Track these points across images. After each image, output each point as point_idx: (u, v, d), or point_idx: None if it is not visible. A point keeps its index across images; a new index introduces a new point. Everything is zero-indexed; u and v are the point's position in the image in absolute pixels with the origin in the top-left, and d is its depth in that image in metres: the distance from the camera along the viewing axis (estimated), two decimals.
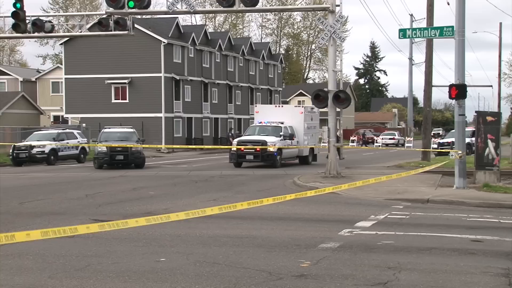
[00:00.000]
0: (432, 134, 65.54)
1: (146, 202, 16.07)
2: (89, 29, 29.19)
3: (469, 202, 15.88)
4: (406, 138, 62.44)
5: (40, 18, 26.33)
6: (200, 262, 8.70)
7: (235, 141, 30.93)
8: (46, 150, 33.66)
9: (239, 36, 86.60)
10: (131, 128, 32.84)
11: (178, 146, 41.66)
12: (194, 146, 45.81)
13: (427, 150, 30.62)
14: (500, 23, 57.61)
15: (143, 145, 30.90)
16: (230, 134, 35.97)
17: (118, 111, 52.63)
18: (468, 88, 18.93)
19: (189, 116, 56.26)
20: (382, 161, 35.41)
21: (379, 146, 59.67)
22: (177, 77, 53.77)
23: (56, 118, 60.36)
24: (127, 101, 53.30)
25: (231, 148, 30.72)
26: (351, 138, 61.53)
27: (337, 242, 10.18)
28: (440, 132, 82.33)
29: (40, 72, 65.33)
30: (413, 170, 17.23)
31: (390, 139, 65.20)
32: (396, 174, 15.40)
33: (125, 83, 52.98)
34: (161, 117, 52.56)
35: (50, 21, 26.34)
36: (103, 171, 28.31)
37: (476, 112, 21.08)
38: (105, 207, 14.86)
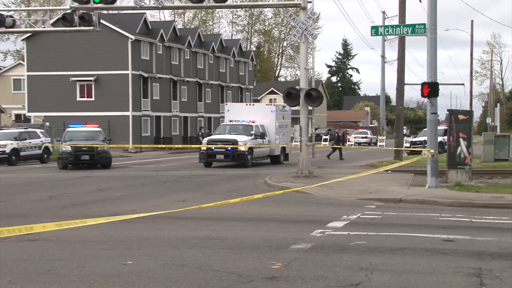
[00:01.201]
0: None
1: (113, 203, 15.92)
2: (53, 25, 28.81)
3: (441, 201, 16.09)
4: (379, 137, 63.02)
5: (1, 12, 25.85)
6: (169, 265, 8.65)
7: (205, 140, 30.84)
8: (7, 150, 33.07)
9: (209, 33, 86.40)
10: (97, 127, 32.47)
11: (146, 146, 41.37)
12: (162, 146, 45.54)
13: (399, 149, 30.94)
14: (472, 21, 58.39)
15: (110, 145, 30.59)
16: (200, 133, 35.81)
17: (83, 109, 52.03)
18: (440, 86, 19.19)
19: (158, 114, 55.92)
20: (354, 160, 35.67)
21: (352, 145, 60.14)
22: (145, 75, 53.39)
23: (18, 116, 59.36)
24: (92, 99, 52.73)
25: (200, 148, 30.62)
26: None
27: (309, 243, 10.22)
28: (404, 131, 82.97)
29: (0, 69, 64.19)
30: (375, 169, 17.37)
31: (362, 137, 65.73)
32: (365, 172, 15.53)
33: (90, 80, 52.41)
34: (129, 115, 52.12)
35: (11, 16, 25.89)
36: (68, 171, 27.97)
37: (448, 110, 21.38)
38: (69, 209, 14.67)
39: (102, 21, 44.69)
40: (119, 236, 10.91)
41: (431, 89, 18.55)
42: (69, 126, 32.57)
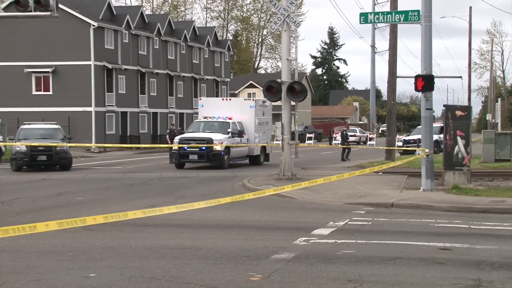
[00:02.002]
0: (380, 131, 66.62)
1: (73, 209, 15.81)
2: (5, 9, 28.41)
3: (437, 206, 16.23)
4: (369, 135, 63.37)
5: None
6: (136, 277, 8.61)
7: (176, 138, 30.74)
8: None
9: (181, 20, 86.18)
10: (56, 124, 32.21)
11: (110, 145, 41.13)
12: (129, 145, 45.30)
13: (391, 148, 31.15)
14: (470, 7, 59.20)
15: (70, 144, 30.37)
16: (168, 131, 35.55)
17: (40, 104, 51.55)
18: (435, 80, 19.34)
19: (124, 110, 55.63)
20: (342, 161, 35.83)
21: (338, 144, 60.34)
22: (110, 66, 53.07)
23: None
24: (50, 93, 52.28)
25: (171, 147, 30.53)
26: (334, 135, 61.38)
27: (292, 252, 10.24)
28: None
29: None
30: (365, 171, 17.46)
31: (351, 136, 65.91)
32: (354, 174, 15.62)
33: (48, 72, 51.94)
34: (91, 111, 51.78)
35: None
36: (22, 173, 27.70)
37: (444, 106, 21.57)
38: (24, 216, 14.53)
39: (60, 5, 44.17)
40: (80, 246, 10.83)
41: (425, 82, 18.69)
42: (24, 123, 32.26)
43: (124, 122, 56.03)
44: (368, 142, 60.22)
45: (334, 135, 62.22)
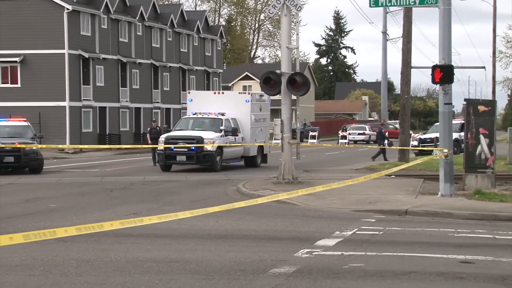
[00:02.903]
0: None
1: (45, 217, 15.79)
2: None
3: (457, 213, 16.25)
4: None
5: None
6: None
7: (162, 137, 30.74)
8: None
9: (166, 3, 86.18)
10: (25, 121, 32.16)
11: (87, 146, 41.07)
12: (108, 146, 45.26)
13: (405, 148, 31.21)
14: None
15: (41, 144, 30.34)
16: (149, 130, 35.35)
17: (6, 98, 51.46)
18: (455, 70, 19.39)
19: (102, 105, 55.60)
20: (349, 162, 35.88)
21: (346, 143, 60.50)
22: (86, 55, 53.03)
23: None
24: (18, 85, 52.19)
25: (157, 147, 30.51)
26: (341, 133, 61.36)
27: (293, 265, 10.25)
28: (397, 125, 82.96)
29: None
30: (375, 173, 17.51)
31: (359, 134, 66.22)
32: (363, 177, 15.63)
33: (15, 61, 51.86)
34: (65, 106, 51.71)
35: None
36: None
37: (465, 100, 21.60)
38: None
39: None
40: (53, 259, 10.82)
41: (444, 73, 18.72)
42: None
43: (103, 119, 55.98)
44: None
45: (345, 133, 62.24)
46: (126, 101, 58.73)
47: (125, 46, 58.68)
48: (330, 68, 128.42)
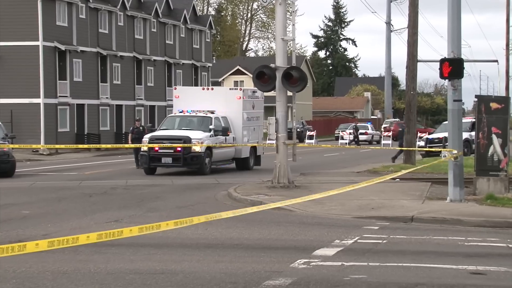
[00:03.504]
0: (383, 128, 66.53)
1: (18, 225, 15.73)
2: None
3: (467, 220, 16.28)
4: (383, 132, 63.59)
5: None
6: None
7: (146, 137, 30.71)
8: None
9: None
10: None
11: (64, 147, 40.96)
12: (87, 146, 45.19)
13: (411, 149, 31.26)
14: None
15: (13, 145, 30.25)
16: (131, 129, 35.24)
17: None
18: (466, 64, 19.41)
19: (80, 102, 55.51)
20: (350, 165, 35.92)
21: (346, 143, 60.56)
22: (62, 47, 52.93)
23: None
24: None
25: (138, 148, 30.45)
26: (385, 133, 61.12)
27: (289, 277, 10.25)
28: (399, 123, 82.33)
29: None
30: (379, 177, 17.56)
31: (361, 134, 66.24)
32: (365, 182, 15.66)
33: None
34: (40, 103, 51.62)
35: None
36: None
37: (476, 96, 21.66)
38: None
39: None
40: (27, 271, 10.79)
41: (453, 67, 18.75)
42: None
43: (81, 117, 55.87)
44: (383, 141, 60.35)
45: (352, 132, 62.31)
46: (107, 97, 58.63)
47: (105, 38, 58.58)
48: (329, 61, 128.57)
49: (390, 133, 59.00)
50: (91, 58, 56.93)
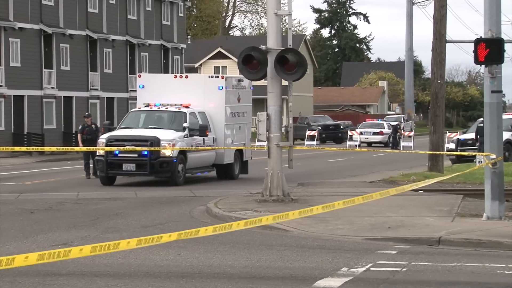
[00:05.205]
0: (396, 125, 66.66)
1: None
2: None
3: (508, 243, 16.31)
4: (402, 132, 63.71)
5: None
6: None
7: (103, 138, 30.65)
8: None
9: None
10: None
11: None
12: (25, 149, 45.04)
13: (437, 153, 31.32)
14: None
15: None
16: (81, 128, 34.96)
17: None
18: (507, 45, 19.44)
19: (19, 93, 55.36)
20: (362, 172, 35.91)
21: (356, 146, 60.67)
22: None
23: None
24: None
25: (91, 152, 30.39)
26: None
27: None
28: (403, 119, 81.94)
29: None
30: (396, 188, 17.63)
31: (374, 134, 66.36)
32: (378, 193, 15.70)
33: None
34: None
35: None
36: None
37: None
38: None
39: None
40: None
41: (491, 49, 18.80)
42: None
43: (19, 113, 55.73)
44: (402, 144, 60.43)
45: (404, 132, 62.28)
46: (52, 87, 58.45)
47: (50, 12, 58.40)
48: (334, 42, 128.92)
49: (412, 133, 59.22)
50: (33, 38, 56.77)
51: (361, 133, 64.59)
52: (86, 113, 40.50)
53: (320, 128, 70.67)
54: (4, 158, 47.89)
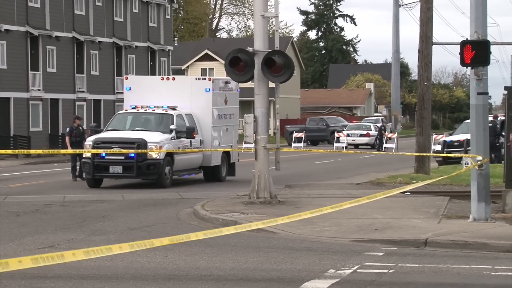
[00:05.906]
0: (380, 127, 66.85)
1: None
2: None
3: (495, 244, 16.34)
4: (387, 133, 63.80)
5: None
6: None
7: (89, 140, 30.62)
8: None
9: None
10: None
11: None
12: (11, 152, 44.95)
13: (424, 154, 31.37)
14: None
15: None
16: (69, 130, 34.87)
17: None
18: (493, 48, 19.51)
19: (5, 95, 55.19)
20: (348, 174, 35.94)
21: (343, 148, 60.73)
22: None
23: None
24: None
25: (78, 154, 30.36)
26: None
27: None
28: (382, 121, 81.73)
29: None
30: (383, 191, 17.68)
31: (361, 135, 66.46)
32: (366, 197, 15.73)
33: None
34: None
35: None
36: None
37: (506, 88, 21.77)
38: None
39: None
40: None
41: (477, 51, 18.85)
42: None
43: (5, 115, 55.56)
44: (385, 145, 60.55)
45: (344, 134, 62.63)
46: (38, 89, 58.29)
47: (36, 14, 58.25)
48: (321, 44, 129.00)
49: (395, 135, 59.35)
50: (19, 40, 56.55)
51: (348, 135, 64.63)
52: (76, 115, 40.49)
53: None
54: None
